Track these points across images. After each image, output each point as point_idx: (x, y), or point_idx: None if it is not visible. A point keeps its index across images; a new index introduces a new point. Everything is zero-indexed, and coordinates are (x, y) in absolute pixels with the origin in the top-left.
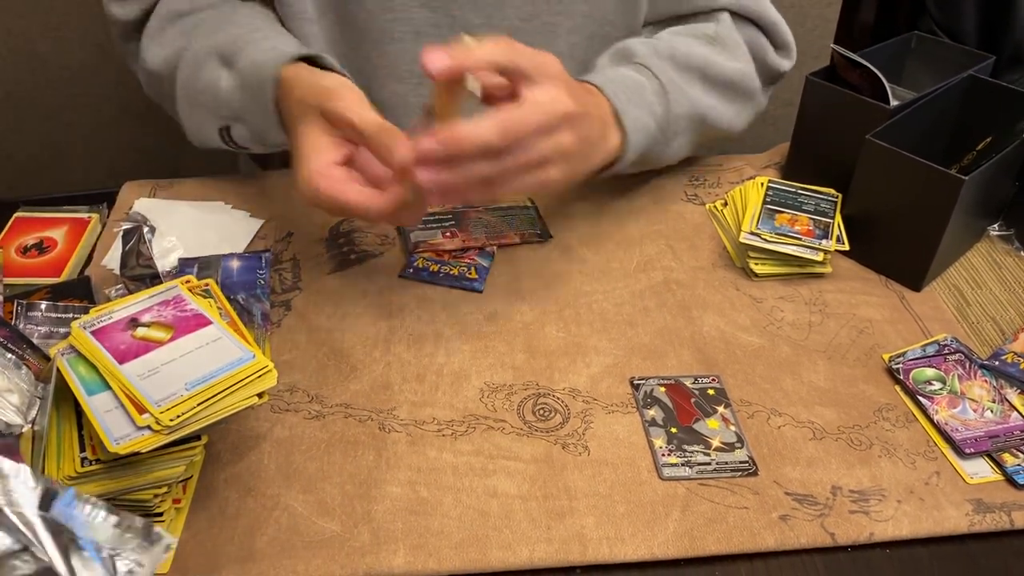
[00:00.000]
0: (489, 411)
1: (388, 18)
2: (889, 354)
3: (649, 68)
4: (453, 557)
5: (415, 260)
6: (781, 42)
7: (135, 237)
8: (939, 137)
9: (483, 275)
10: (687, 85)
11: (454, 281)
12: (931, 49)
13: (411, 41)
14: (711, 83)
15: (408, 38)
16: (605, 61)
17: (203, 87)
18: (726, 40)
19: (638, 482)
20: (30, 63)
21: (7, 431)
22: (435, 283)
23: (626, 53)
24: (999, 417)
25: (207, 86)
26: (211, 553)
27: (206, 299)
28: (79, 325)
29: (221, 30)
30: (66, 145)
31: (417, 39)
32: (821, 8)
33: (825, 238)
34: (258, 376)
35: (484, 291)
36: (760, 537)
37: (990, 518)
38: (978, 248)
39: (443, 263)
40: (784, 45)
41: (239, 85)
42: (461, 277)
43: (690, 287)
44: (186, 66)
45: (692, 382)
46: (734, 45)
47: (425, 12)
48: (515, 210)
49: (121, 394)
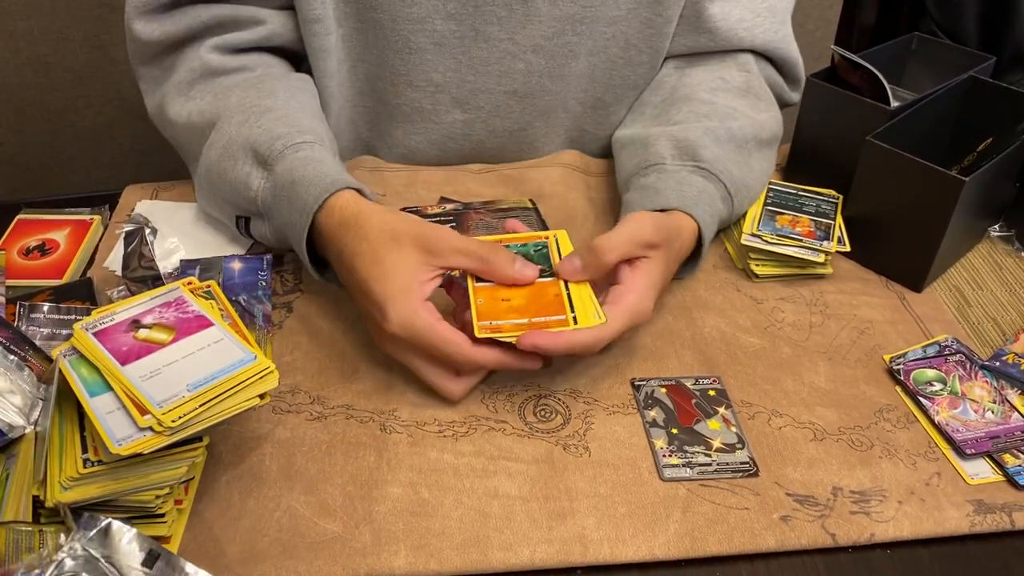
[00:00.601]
0: (490, 412)
1: (412, 28)
2: (890, 355)
3: (716, 174)
4: (454, 558)
5: None
6: (794, 78)
7: (137, 239)
8: (940, 138)
9: None
10: (745, 169)
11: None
12: (932, 50)
13: (432, 51)
14: (761, 147)
15: (430, 48)
16: (667, 152)
17: (232, 178)
18: (758, 91)
19: (639, 483)
20: (32, 65)
21: (10, 432)
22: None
23: (690, 150)
24: (1000, 418)
25: (237, 179)
26: (213, 554)
27: (208, 300)
28: (81, 327)
29: (255, 119)
30: (68, 147)
31: (438, 50)
32: (822, 9)
33: (826, 239)
34: (260, 377)
35: None
36: (761, 538)
37: (991, 519)
38: (979, 249)
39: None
40: (797, 80)
41: (273, 187)
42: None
43: (691, 288)
44: (216, 148)
45: (693, 383)
46: (764, 94)
47: (451, 24)
48: (516, 211)
49: (123, 395)
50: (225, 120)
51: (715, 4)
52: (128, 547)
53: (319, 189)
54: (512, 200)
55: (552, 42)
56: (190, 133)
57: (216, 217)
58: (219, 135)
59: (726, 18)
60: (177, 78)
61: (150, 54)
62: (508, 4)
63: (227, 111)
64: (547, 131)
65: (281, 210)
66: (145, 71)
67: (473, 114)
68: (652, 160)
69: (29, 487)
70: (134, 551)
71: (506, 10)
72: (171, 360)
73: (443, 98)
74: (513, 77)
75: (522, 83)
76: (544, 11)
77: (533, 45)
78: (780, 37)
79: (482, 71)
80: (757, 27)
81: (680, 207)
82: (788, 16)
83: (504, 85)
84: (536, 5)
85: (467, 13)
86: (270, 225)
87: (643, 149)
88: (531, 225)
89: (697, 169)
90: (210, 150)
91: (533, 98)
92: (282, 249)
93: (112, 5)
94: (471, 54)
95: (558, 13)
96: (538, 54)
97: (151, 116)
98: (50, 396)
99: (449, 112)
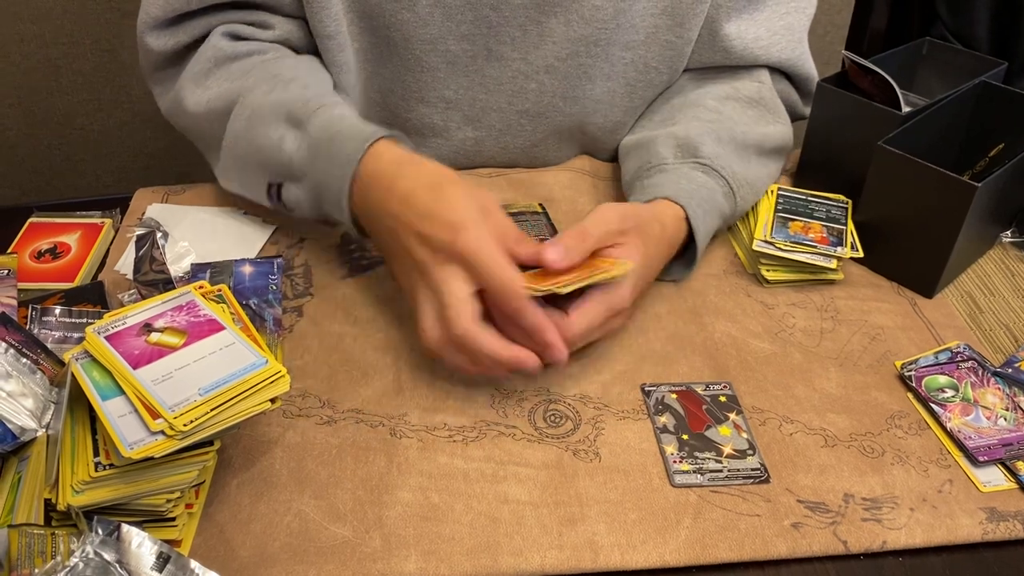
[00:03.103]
0: (500, 417)
1: (425, 48)
2: (901, 361)
3: (717, 170)
4: (464, 563)
5: None
6: (808, 92)
7: (148, 242)
8: (951, 143)
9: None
10: (747, 168)
11: None
12: (943, 55)
13: (444, 70)
14: (766, 155)
15: (442, 67)
16: (669, 152)
17: (263, 143)
18: (769, 103)
19: (649, 489)
20: (43, 69)
21: (21, 435)
22: None
23: (691, 147)
24: (1012, 425)
25: (269, 143)
26: (223, 558)
27: (219, 304)
28: (93, 330)
29: (282, 87)
30: (77, 151)
31: (451, 69)
32: (832, 14)
33: (839, 245)
34: (271, 381)
35: None
36: (772, 545)
37: (1004, 527)
38: (990, 255)
39: None
40: (811, 95)
41: (309, 146)
42: None
43: (701, 293)
44: (242, 119)
45: (703, 389)
46: (776, 107)
47: (464, 44)
48: (526, 215)
49: (135, 399)
50: (248, 93)
51: (731, 23)
52: (139, 551)
53: (362, 137)
54: (522, 204)
55: (566, 63)
56: (211, 119)
57: (243, 195)
58: (244, 107)
59: (741, 37)
60: (192, 71)
61: (163, 63)
62: (522, 25)
63: (249, 87)
64: (559, 147)
65: (318, 167)
66: (158, 75)
67: (484, 132)
68: (654, 161)
69: (41, 490)
70: (145, 555)
71: (520, 31)
72: (183, 364)
73: (454, 115)
74: (525, 97)
75: (534, 103)
76: (559, 32)
77: (547, 66)
78: (797, 55)
79: (494, 90)
80: (773, 46)
81: (664, 195)
82: (805, 34)
83: (516, 105)
84: (550, 26)
85: (480, 34)
86: (304, 186)
87: (646, 151)
88: (540, 229)
89: (698, 165)
90: (236, 122)
91: (546, 118)
92: (313, 215)
93: (123, 10)
94: (484, 73)
95: (572, 35)
96: (551, 75)
97: (165, 114)
98: (62, 399)
99: (460, 129)
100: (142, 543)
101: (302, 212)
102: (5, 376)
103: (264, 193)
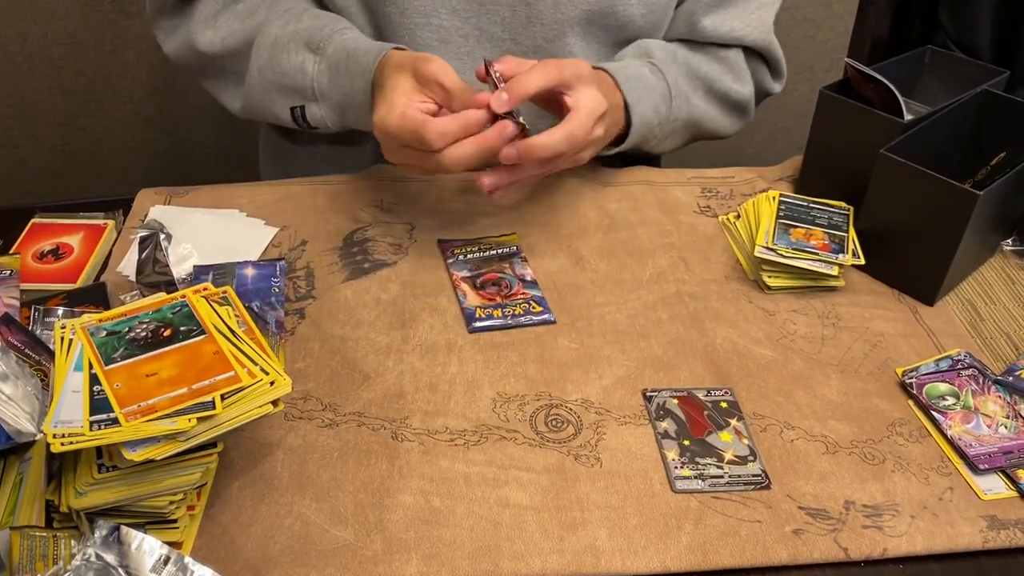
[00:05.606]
0: (501, 421)
1: (419, 22)
2: (902, 368)
3: (662, 71)
4: (465, 567)
5: (474, 312)
6: (778, 71)
7: (151, 244)
8: (953, 152)
9: (544, 303)
10: (691, 92)
11: (522, 320)
12: (945, 63)
13: (437, 48)
14: (713, 95)
15: (435, 44)
16: (627, 52)
17: (286, 69)
18: (735, 67)
19: (651, 494)
20: (45, 69)
21: (18, 438)
22: (508, 328)
23: (646, 50)
24: (1013, 433)
25: (292, 68)
26: (224, 560)
27: (223, 307)
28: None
29: (295, 19)
30: (80, 151)
31: (444, 46)
32: (834, 22)
33: (841, 252)
34: (273, 384)
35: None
36: (773, 551)
37: (1004, 535)
38: (991, 263)
39: (499, 306)
40: (780, 73)
41: (329, 67)
42: (527, 313)
43: (703, 299)
44: (265, 48)
45: (705, 394)
46: (741, 72)
47: (455, 21)
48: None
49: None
50: (265, 27)
51: (708, 17)
52: (140, 552)
53: (376, 51)
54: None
55: (552, 44)
56: (227, 57)
57: (269, 121)
58: (264, 39)
59: (717, 28)
60: (200, 13)
61: (170, 8)
62: (511, 5)
63: (263, 23)
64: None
65: (339, 84)
66: (163, 21)
67: None
68: (614, 60)
69: (41, 492)
70: (146, 556)
71: (509, 11)
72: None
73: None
74: None
75: None
76: (547, 15)
77: (535, 47)
78: (768, 42)
79: None
80: (747, 36)
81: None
82: (772, 23)
83: None
84: (538, 8)
85: (472, 11)
86: (327, 103)
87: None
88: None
89: (648, 64)
90: (259, 51)
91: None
92: (337, 128)
93: (125, 11)
94: (475, 53)
95: (560, 17)
96: (538, 55)
97: (173, 58)
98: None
99: None
100: (142, 544)
101: (326, 128)
102: (4, 378)
103: (289, 116)
